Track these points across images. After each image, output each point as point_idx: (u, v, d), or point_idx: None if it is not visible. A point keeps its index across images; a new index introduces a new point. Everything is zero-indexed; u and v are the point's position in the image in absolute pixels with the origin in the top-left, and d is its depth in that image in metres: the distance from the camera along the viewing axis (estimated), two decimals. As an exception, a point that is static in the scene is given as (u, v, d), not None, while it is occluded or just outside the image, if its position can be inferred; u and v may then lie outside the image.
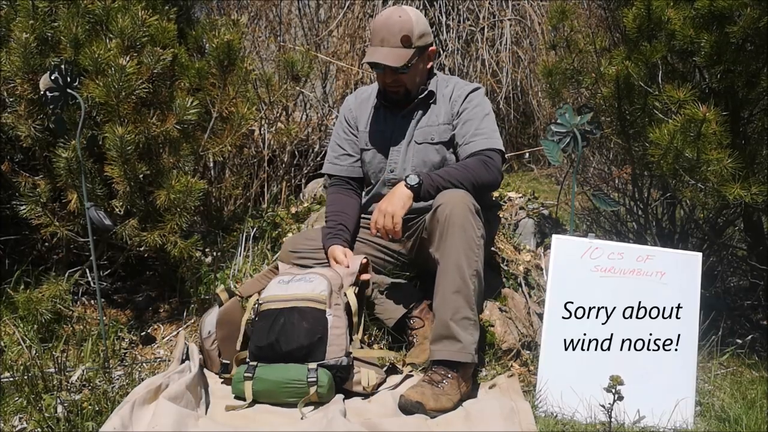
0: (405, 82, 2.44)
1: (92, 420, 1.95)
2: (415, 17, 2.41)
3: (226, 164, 3.37)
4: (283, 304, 2.20)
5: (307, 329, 2.13)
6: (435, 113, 2.48)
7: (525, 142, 5.70)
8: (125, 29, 2.41)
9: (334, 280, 2.25)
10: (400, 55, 2.36)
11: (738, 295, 3.26)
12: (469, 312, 2.17)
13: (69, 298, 2.61)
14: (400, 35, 2.36)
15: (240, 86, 2.77)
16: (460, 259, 2.17)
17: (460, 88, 2.51)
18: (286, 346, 2.12)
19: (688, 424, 2.11)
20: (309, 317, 2.15)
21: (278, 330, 2.14)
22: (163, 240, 2.49)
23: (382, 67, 2.39)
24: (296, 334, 2.13)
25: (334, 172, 2.60)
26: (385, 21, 2.39)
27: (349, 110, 2.62)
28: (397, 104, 2.51)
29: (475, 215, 2.21)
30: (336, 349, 2.14)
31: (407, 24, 2.37)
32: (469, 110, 2.45)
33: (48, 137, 2.53)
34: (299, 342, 2.12)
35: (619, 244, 2.35)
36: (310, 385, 2.06)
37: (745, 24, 2.45)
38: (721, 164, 2.37)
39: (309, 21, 4.81)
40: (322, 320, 2.16)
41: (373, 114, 2.57)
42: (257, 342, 2.16)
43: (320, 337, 2.13)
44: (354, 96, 2.68)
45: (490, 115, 2.48)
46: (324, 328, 2.15)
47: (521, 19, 5.65)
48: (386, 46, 2.37)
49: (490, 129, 2.44)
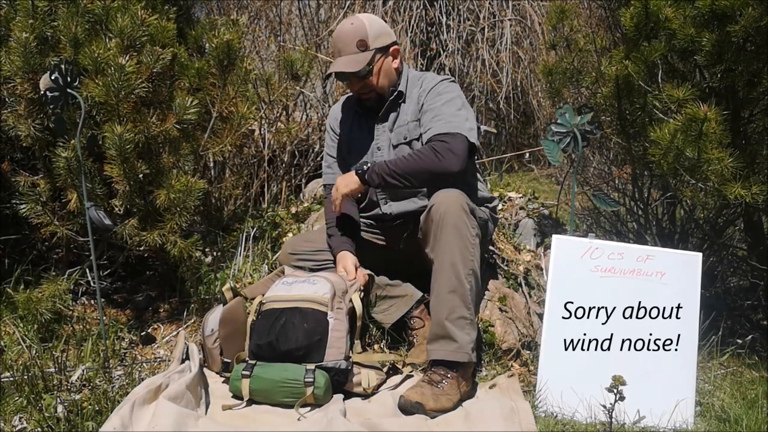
0: (373, 86, 2.44)
1: (92, 420, 1.94)
2: (368, 21, 2.43)
3: (226, 164, 3.37)
4: (286, 304, 2.20)
5: (306, 330, 2.13)
6: (404, 112, 2.47)
7: (525, 142, 5.70)
8: (125, 29, 2.41)
9: (338, 285, 2.26)
10: (358, 60, 2.38)
11: (738, 295, 3.25)
12: (465, 311, 2.16)
13: (69, 298, 2.61)
14: (355, 41, 2.38)
15: (240, 86, 2.77)
16: (455, 259, 2.16)
17: (428, 82, 2.47)
18: (285, 345, 2.12)
19: (688, 425, 2.11)
20: (310, 318, 2.15)
21: (278, 329, 2.14)
22: (163, 240, 2.48)
23: (345, 75, 2.41)
24: (296, 334, 2.13)
25: (330, 182, 2.60)
26: (339, 32, 2.43)
27: (335, 119, 2.64)
28: (372, 110, 2.51)
29: (470, 214, 2.21)
30: (335, 352, 2.13)
31: (360, 29, 2.40)
32: (430, 100, 2.42)
33: (48, 137, 2.53)
34: (298, 342, 2.12)
35: (619, 245, 2.35)
36: (307, 386, 2.06)
37: (746, 23, 2.45)
38: (721, 163, 2.37)
39: (309, 21, 4.80)
40: (322, 322, 2.16)
41: (355, 120, 2.58)
42: (257, 340, 2.17)
43: (320, 338, 2.13)
44: (338, 105, 2.70)
45: (453, 100, 2.40)
46: (324, 330, 2.14)
47: (521, 19, 5.65)
48: (344, 54, 2.40)
49: (450, 113, 2.36)
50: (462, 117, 2.35)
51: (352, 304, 2.25)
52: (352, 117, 2.59)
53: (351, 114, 2.60)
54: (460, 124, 2.32)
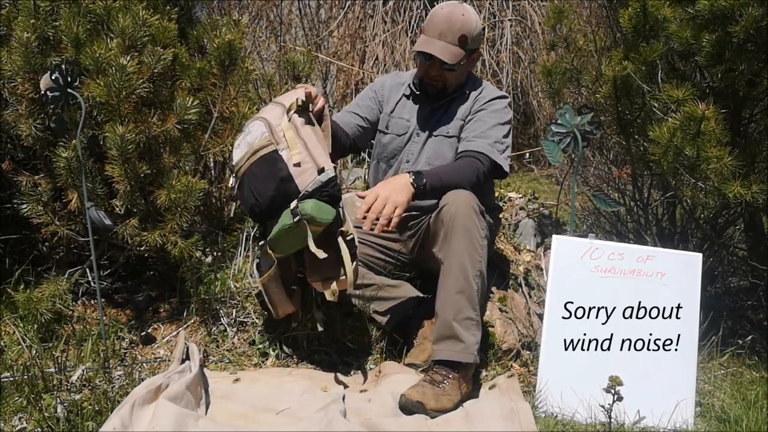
0: (447, 79, 2.45)
1: (92, 420, 1.95)
2: (476, 20, 2.42)
3: (226, 164, 3.37)
4: (244, 168, 2.18)
5: (269, 179, 2.10)
6: (456, 109, 2.50)
7: (525, 143, 5.69)
8: (126, 29, 2.41)
9: (271, 115, 2.21)
10: (455, 54, 2.37)
11: (738, 295, 3.25)
12: (471, 312, 2.16)
13: (69, 298, 2.61)
14: (459, 33, 2.36)
15: (241, 86, 2.77)
16: (464, 260, 2.17)
17: (488, 91, 2.52)
18: (263, 204, 2.11)
19: (689, 425, 2.11)
20: (263, 167, 2.12)
21: (251, 194, 2.14)
22: (164, 240, 2.48)
23: (432, 59, 2.39)
24: (264, 189, 2.11)
25: (338, 120, 2.58)
26: (448, 15, 2.38)
27: (382, 87, 2.64)
28: (429, 97, 2.52)
29: (480, 216, 2.21)
30: (307, 177, 2.09)
31: (468, 24, 2.38)
32: (486, 111, 2.46)
33: (49, 137, 2.53)
34: (269, 194, 2.10)
35: (620, 245, 2.35)
36: (299, 223, 2.04)
37: (747, 23, 2.45)
38: (721, 162, 2.37)
39: (309, 21, 4.81)
40: (276, 160, 2.11)
41: (402, 101, 2.58)
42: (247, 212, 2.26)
43: (282, 177, 2.10)
44: (390, 77, 2.70)
45: (504, 125, 2.46)
46: (282, 166, 2.10)
47: (521, 20, 5.66)
48: (443, 40, 2.37)
49: (496, 137, 2.42)
50: (504, 145, 2.43)
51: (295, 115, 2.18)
52: (401, 96, 2.59)
53: (401, 92, 2.60)
54: (498, 153, 2.39)
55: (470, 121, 2.45)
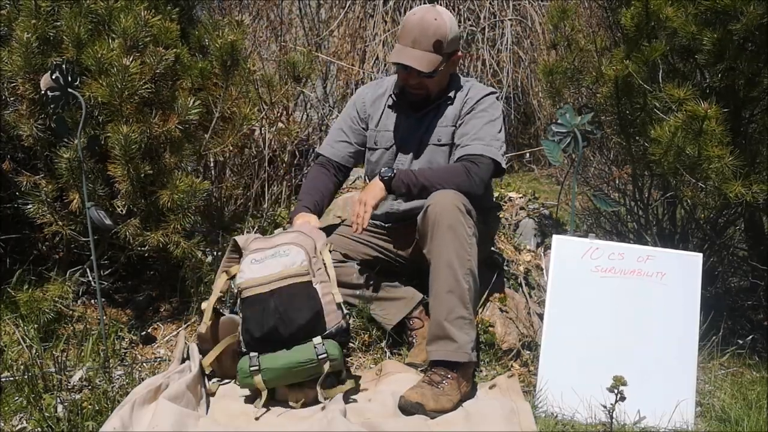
0: (428, 86, 2.39)
1: (92, 420, 1.95)
2: (450, 22, 2.34)
3: (226, 164, 3.37)
4: (268, 287, 2.10)
5: (303, 308, 2.07)
6: (445, 115, 2.44)
7: (525, 142, 5.70)
8: (128, 29, 2.41)
9: (308, 245, 2.18)
10: (431, 60, 2.30)
11: (739, 295, 3.25)
12: (463, 311, 2.16)
13: (70, 298, 2.61)
14: (434, 39, 2.29)
15: (242, 86, 2.77)
16: (452, 259, 2.16)
17: (474, 90, 2.45)
18: (287, 330, 2.05)
19: (689, 425, 2.11)
20: (301, 295, 2.09)
21: (273, 316, 2.06)
22: (166, 240, 2.49)
23: (409, 69, 2.33)
24: (295, 317, 2.06)
25: (328, 155, 2.56)
26: (420, 21, 2.31)
27: (363, 103, 2.56)
28: (414, 105, 2.47)
29: (465, 214, 2.19)
30: (333, 317, 2.10)
31: (442, 29, 2.31)
32: (474, 112, 2.40)
33: (49, 137, 2.53)
34: (299, 323, 2.06)
35: (620, 245, 2.35)
36: (323, 362, 2.03)
37: (748, 22, 2.45)
38: (722, 161, 2.37)
39: (310, 21, 4.81)
40: (312, 293, 2.10)
41: (386, 112, 2.52)
42: (253, 332, 2.07)
43: (317, 310, 2.08)
44: (371, 89, 2.61)
45: (495, 121, 2.41)
46: (317, 301, 2.09)
47: (522, 19, 5.66)
48: (417, 48, 2.30)
49: (491, 135, 2.37)
50: (499, 142, 2.38)
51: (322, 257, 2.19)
52: (384, 107, 2.53)
53: (383, 103, 2.53)
54: (496, 150, 2.35)
55: (461, 125, 2.40)
